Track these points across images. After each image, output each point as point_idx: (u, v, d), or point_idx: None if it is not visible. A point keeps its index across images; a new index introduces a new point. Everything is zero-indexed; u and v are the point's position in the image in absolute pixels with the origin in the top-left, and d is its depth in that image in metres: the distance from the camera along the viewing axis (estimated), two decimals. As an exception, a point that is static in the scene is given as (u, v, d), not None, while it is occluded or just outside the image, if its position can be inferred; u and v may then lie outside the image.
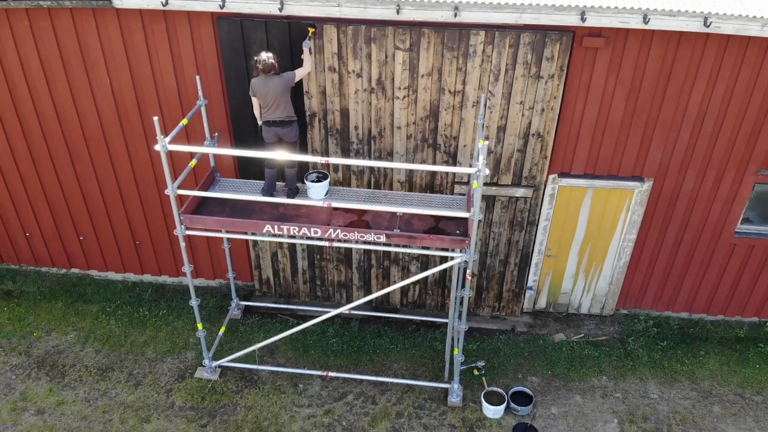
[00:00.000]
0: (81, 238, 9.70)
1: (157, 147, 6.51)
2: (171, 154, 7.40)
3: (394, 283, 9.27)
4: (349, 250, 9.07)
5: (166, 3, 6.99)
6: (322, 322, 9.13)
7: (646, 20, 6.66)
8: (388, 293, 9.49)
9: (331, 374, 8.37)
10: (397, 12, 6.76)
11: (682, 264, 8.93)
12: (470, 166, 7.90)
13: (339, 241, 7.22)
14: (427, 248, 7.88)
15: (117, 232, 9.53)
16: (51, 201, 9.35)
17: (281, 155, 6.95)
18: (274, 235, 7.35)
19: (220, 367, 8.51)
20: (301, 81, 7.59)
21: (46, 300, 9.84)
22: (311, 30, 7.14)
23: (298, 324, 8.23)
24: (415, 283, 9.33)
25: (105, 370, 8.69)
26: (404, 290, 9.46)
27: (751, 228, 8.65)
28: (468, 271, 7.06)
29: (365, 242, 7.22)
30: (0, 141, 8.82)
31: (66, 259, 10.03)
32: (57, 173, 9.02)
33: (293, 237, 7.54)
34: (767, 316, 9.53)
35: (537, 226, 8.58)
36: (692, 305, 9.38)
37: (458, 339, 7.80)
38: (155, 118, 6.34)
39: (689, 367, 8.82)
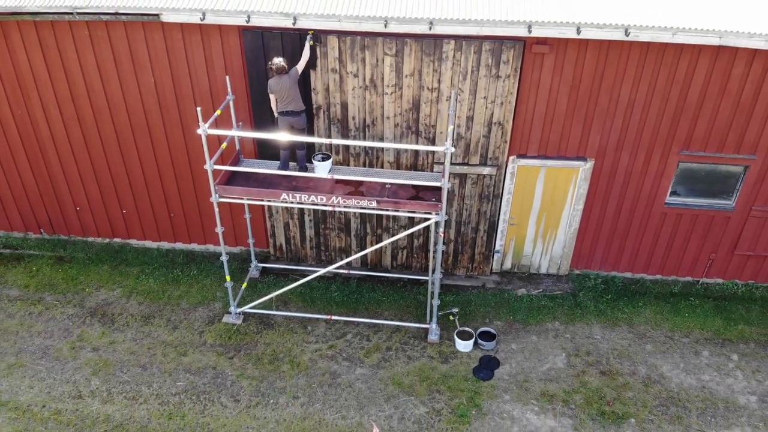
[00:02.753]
0: (123, 211, 11.59)
1: (199, 131, 8.40)
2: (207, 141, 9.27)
3: (385, 248, 11.19)
4: (349, 220, 10.94)
5: (203, 18, 8.87)
6: (326, 280, 11.08)
7: (578, 32, 8.53)
8: (381, 258, 11.37)
9: (334, 318, 10.27)
10: (385, 26, 8.63)
11: (623, 230, 10.80)
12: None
13: (340, 206, 9.09)
14: (414, 212, 9.71)
15: (154, 206, 11.40)
16: (100, 179, 11.23)
17: (295, 137, 8.81)
18: (289, 202, 9.20)
19: (243, 313, 10.41)
20: (309, 80, 9.46)
21: (94, 264, 11.73)
22: (310, 32, 8.99)
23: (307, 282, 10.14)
24: (403, 248, 11.21)
25: (147, 317, 10.58)
26: (394, 254, 11.33)
27: (678, 200, 10.51)
28: (441, 229, 8.95)
29: (360, 207, 9.09)
30: (58, 128, 10.70)
31: (110, 229, 11.91)
32: (106, 156, 10.90)
33: (303, 203, 9.35)
34: (699, 275, 11.39)
35: (501, 198, 10.46)
36: (634, 266, 11.26)
37: (435, 287, 9.67)
38: (198, 109, 8.24)
39: (628, 315, 10.70)
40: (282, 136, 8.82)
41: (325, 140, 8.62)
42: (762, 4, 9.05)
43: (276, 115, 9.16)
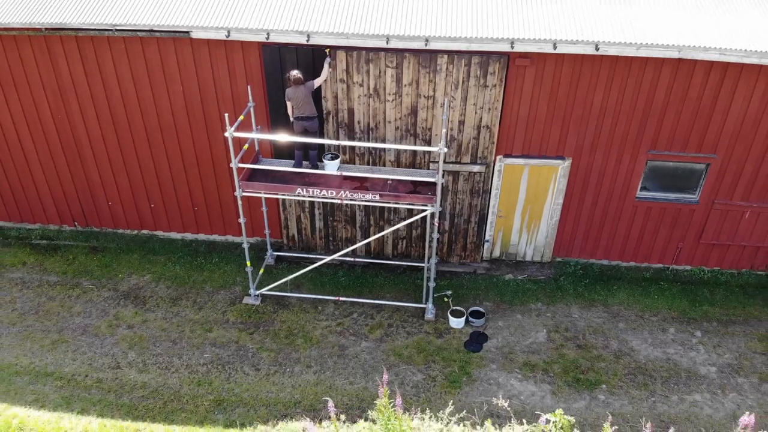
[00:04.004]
0: (152, 205, 12.88)
1: (227, 134, 9.70)
2: (225, 141, 10.56)
3: (387, 238, 12.49)
4: (354, 212, 12.24)
5: (228, 35, 10.17)
6: (334, 266, 12.39)
7: (555, 47, 9.82)
8: (383, 247, 12.67)
9: (342, 298, 11.58)
10: (387, 42, 9.92)
11: (599, 222, 12.09)
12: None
13: (347, 199, 10.39)
14: (412, 204, 10.97)
15: (180, 201, 12.70)
16: (130, 176, 12.53)
17: (308, 139, 10.12)
18: (303, 196, 10.49)
19: (261, 295, 11.72)
20: (320, 89, 10.74)
21: (124, 253, 13.03)
22: (328, 50, 10.30)
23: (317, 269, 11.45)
24: (402, 238, 12.50)
25: (175, 299, 11.88)
26: (395, 244, 12.63)
27: (648, 194, 11.80)
28: (435, 220, 10.25)
29: (365, 200, 10.38)
30: (94, 130, 11.99)
31: (138, 222, 13.21)
32: (137, 155, 12.19)
33: (315, 197, 10.61)
34: (669, 262, 12.67)
35: (490, 193, 11.75)
36: (609, 254, 12.55)
37: (431, 271, 10.96)
38: (226, 115, 9.54)
39: (604, 297, 12.00)
40: (297, 139, 10.12)
41: (334, 141, 9.94)
42: (716, 21, 10.32)
43: (292, 119, 10.45)
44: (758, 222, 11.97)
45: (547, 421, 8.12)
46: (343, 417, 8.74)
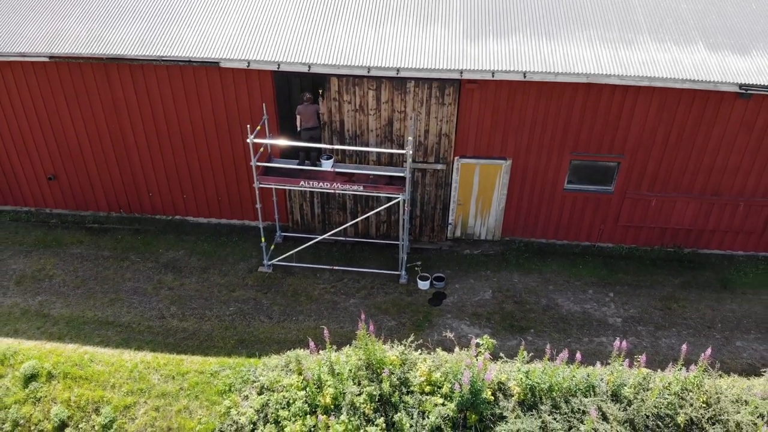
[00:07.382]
0: (184, 196, 16.18)
1: (248, 140, 13.03)
2: (247, 145, 13.86)
3: (371, 221, 15.81)
4: (345, 201, 15.55)
5: (249, 65, 13.49)
6: (329, 244, 15.70)
7: (493, 75, 13.15)
8: (369, 229, 15.98)
9: (335, 268, 14.90)
10: (368, 71, 13.25)
11: (536, 208, 15.41)
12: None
13: (339, 190, 13.70)
14: (389, 194, 14.29)
15: (207, 192, 16.01)
16: (168, 173, 15.82)
17: (311, 145, 13.45)
18: (305, 187, 13.81)
19: (272, 265, 15.03)
20: (318, 106, 14.07)
21: (162, 234, 16.32)
22: (320, 91, 13.62)
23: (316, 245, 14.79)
24: (384, 222, 15.83)
25: (205, 268, 15.19)
26: (378, 226, 15.95)
27: (573, 186, 15.11)
28: (406, 205, 13.59)
29: (353, 190, 13.71)
30: (141, 138, 15.29)
31: (173, 209, 16.52)
32: (174, 156, 15.50)
33: (314, 188, 13.93)
34: (595, 240, 15.98)
35: (450, 186, 15.08)
36: (546, 233, 15.87)
37: (404, 246, 14.28)
38: (248, 125, 12.87)
39: (539, 267, 15.32)
40: (302, 144, 13.46)
41: (329, 146, 13.26)
42: (618, 53, 13.61)
43: (299, 129, 13.79)
44: (663, 208, 15.27)
45: (478, 345, 11.48)
46: (334, 346, 12.05)
